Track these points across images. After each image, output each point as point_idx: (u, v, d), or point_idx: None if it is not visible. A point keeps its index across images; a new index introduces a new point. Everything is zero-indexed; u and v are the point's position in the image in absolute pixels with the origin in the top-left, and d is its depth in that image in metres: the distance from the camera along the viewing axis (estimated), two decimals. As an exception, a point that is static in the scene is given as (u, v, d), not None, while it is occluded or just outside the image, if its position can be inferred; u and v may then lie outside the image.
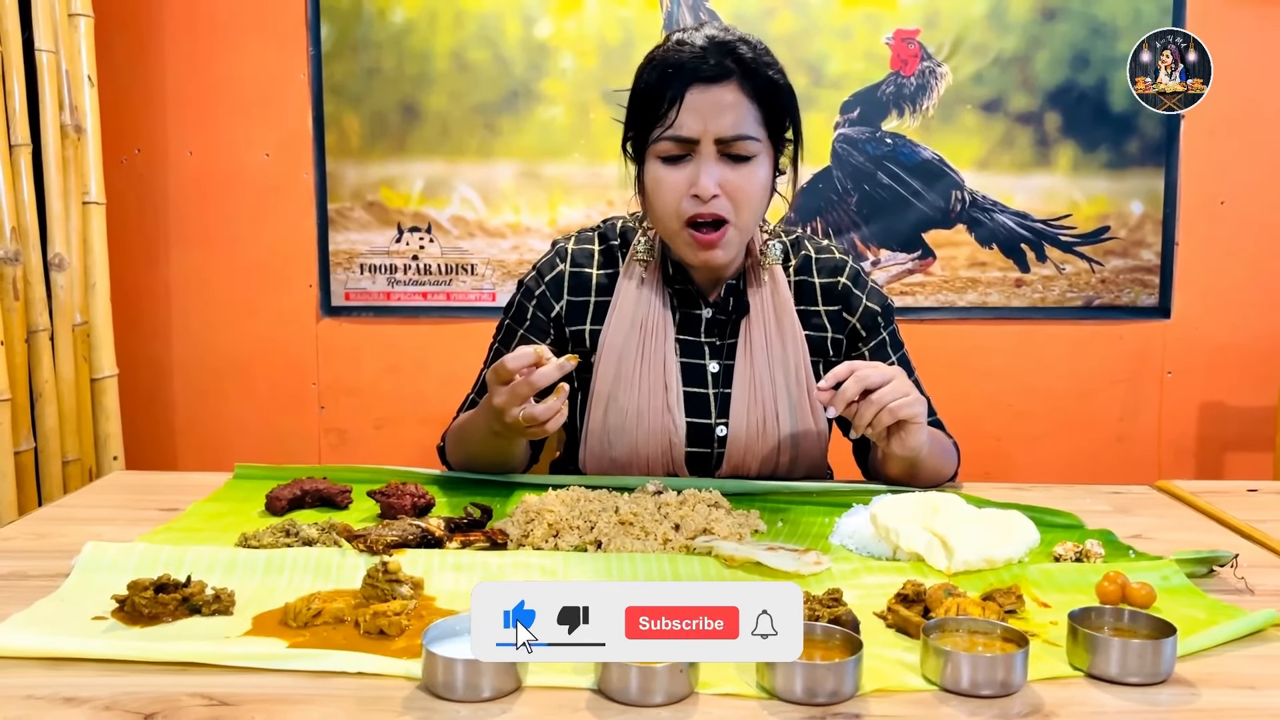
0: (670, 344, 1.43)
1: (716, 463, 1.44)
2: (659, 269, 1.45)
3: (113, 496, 1.39)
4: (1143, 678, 0.81)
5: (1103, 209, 2.57)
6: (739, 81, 1.32)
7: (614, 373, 1.42)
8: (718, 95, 1.31)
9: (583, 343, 1.46)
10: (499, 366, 1.21)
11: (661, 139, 1.33)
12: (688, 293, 1.45)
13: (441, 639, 0.83)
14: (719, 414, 1.43)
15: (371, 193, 2.58)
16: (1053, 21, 2.51)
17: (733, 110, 1.31)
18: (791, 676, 0.78)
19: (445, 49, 2.53)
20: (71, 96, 2.20)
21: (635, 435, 1.41)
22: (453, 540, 1.11)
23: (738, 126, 1.31)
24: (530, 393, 1.20)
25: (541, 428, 1.22)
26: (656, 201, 1.36)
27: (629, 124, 1.40)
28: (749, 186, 1.33)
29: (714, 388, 1.44)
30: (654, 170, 1.36)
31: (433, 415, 2.58)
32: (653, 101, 1.33)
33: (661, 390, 1.41)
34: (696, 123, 1.31)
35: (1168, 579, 1.02)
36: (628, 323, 1.43)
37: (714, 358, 1.45)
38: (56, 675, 0.82)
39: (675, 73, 1.32)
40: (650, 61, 1.37)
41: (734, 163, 1.33)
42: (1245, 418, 2.60)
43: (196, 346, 2.64)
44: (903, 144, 2.55)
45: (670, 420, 1.41)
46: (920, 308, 2.60)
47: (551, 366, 1.19)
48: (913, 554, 1.08)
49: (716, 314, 1.45)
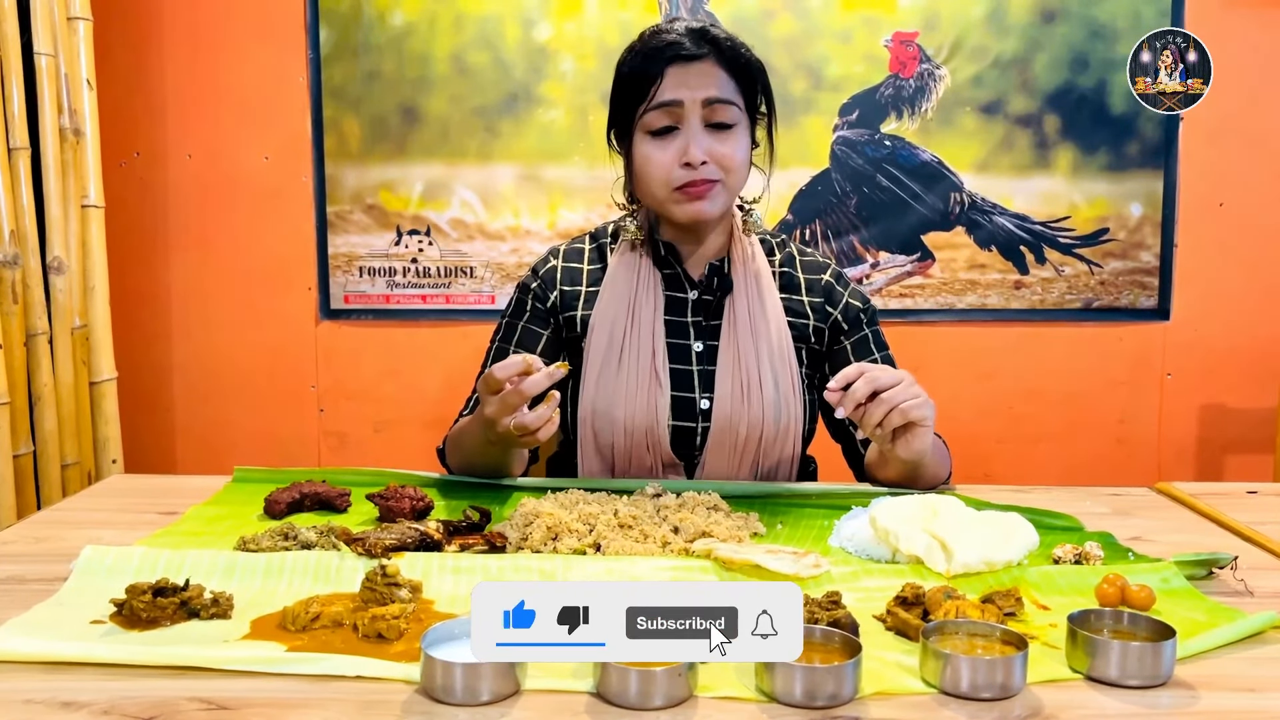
0: (659, 320, 1.47)
1: (702, 437, 1.45)
2: (649, 250, 1.50)
3: (111, 500, 1.39)
4: (1142, 680, 0.81)
5: (1102, 211, 2.57)
6: (715, 58, 1.42)
7: (605, 344, 1.46)
8: (698, 69, 1.41)
9: (575, 327, 1.50)
10: (488, 376, 1.22)
11: (649, 110, 1.40)
12: (675, 276, 1.50)
13: (440, 642, 0.83)
14: (703, 389, 1.46)
15: (371, 196, 2.58)
16: (1052, 24, 2.51)
17: (713, 79, 1.41)
18: (791, 679, 0.78)
19: (445, 52, 2.53)
20: (71, 100, 2.20)
21: (624, 408, 1.43)
22: (451, 543, 1.11)
23: (720, 91, 1.41)
24: (520, 402, 1.20)
25: (533, 436, 1.22)
26: (647, 175, 1.43)
27: (614, 112, 1.47)
28: (735, 154, 1.42)
29: (699, 364, 1.47)
30: (642, 147, 1.43)
31: (432, 418, 2.58)
32: (637, 81, 1.42)
33: (650, 360, 1.45)
34: (681, 91, 1.40)
35: (1167, 581, 1.02)
36: (617, 298, 1.48)
37: (699, 338, 1.49)
38: (55, 680, 0.82)
39: (656, 53, 1.41)
40: (630, 50, 1.46)
41: (718, 131, 1.41)
42: (1245, 420, 2.60)
43: (196, 350, 2.64)
44: (902, 146, 2.55)
45: (657, 389, 1.44)
46: (919, 310, 2.60)
47: (541, 375, 1.20)
48: (912, 557, 1.08)
49: (702, 295, 1.49)
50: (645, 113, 1.41)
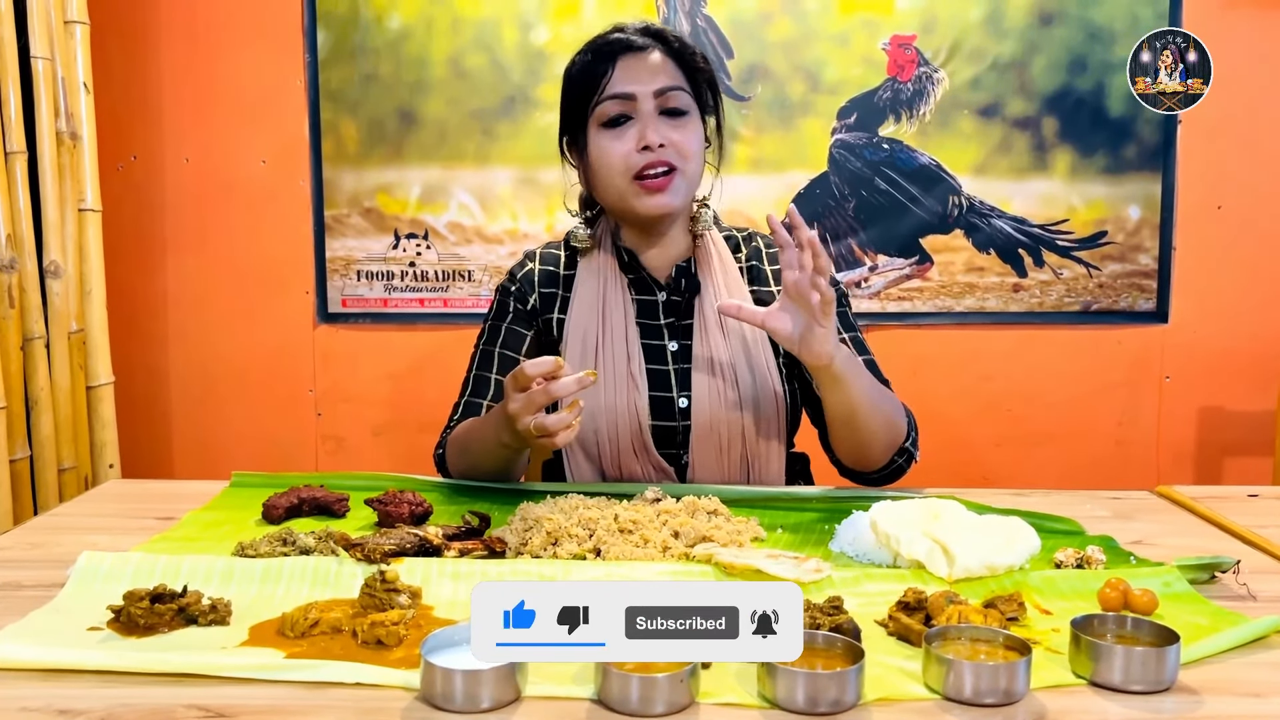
0: (630, 324, 1.48)
1: (683, 435, 1.45)
2: (613, 257, 1.51)
3: (109, 505, 1.38)
4: (1146, 685, 0.81)
5: (1100, 214, 2.57)
6: (663, 49, 1.44)
7: (579, 353, 1.46)
8: (647, 59, 1.43)
9: (552, 331, 1.51)
10: (518, 372, 1.21)
11: (601, 101, 1.41)
12: (642, 280, 1.50)
13: (440, 649, 0.82)
14: (681, 387, 1.46)
15: (368, 199, 2.58)
16: (1049, 27, 2.51)
17: (663, 69, 1.43)
18: (793, 685, 0.77)
19: (442, 55, 2.53)
20: (67, 103, 2.20)
21: (603, 412, 1.43)
22: (451, 549, 1.11)
23: (672, 79, 1.42)
24: (546, 401, 1.20)
25: (551, 439, 1.21)
26: (603, 167, 1.44)
27: (565, 116, 1.49)
28: (690, 141, 1.43)
29: (674, 364, 1.47)
30: (598, 141, 1.43)
31: (430, 422, 2.55)
32: (587, 77, 1.44)
33: (625, 363, 1.45)
34: (633, 82, 1.41)
35: (1170, 585, 1.02)
36: (587, 307, 1.48)
37: (673, 338, 1.48)
38: (51, 687, 0.81)
39: (604, 48, 1.44)
40: (579, 52, 1.49)
41: (672, 118, 1.42)
42: (1244, 422, 2.60)
43: (193, 354, 2.64)
44: (900, 149, 2.55)
45: (635, 392, 1.44)
46: (918, 313, 2.60)
47: (570, 379, 1.20)
48: (914, 561, 1.07)
49: (671, 296, 1.49)
50: (598, 104, 1.41)
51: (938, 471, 2.54)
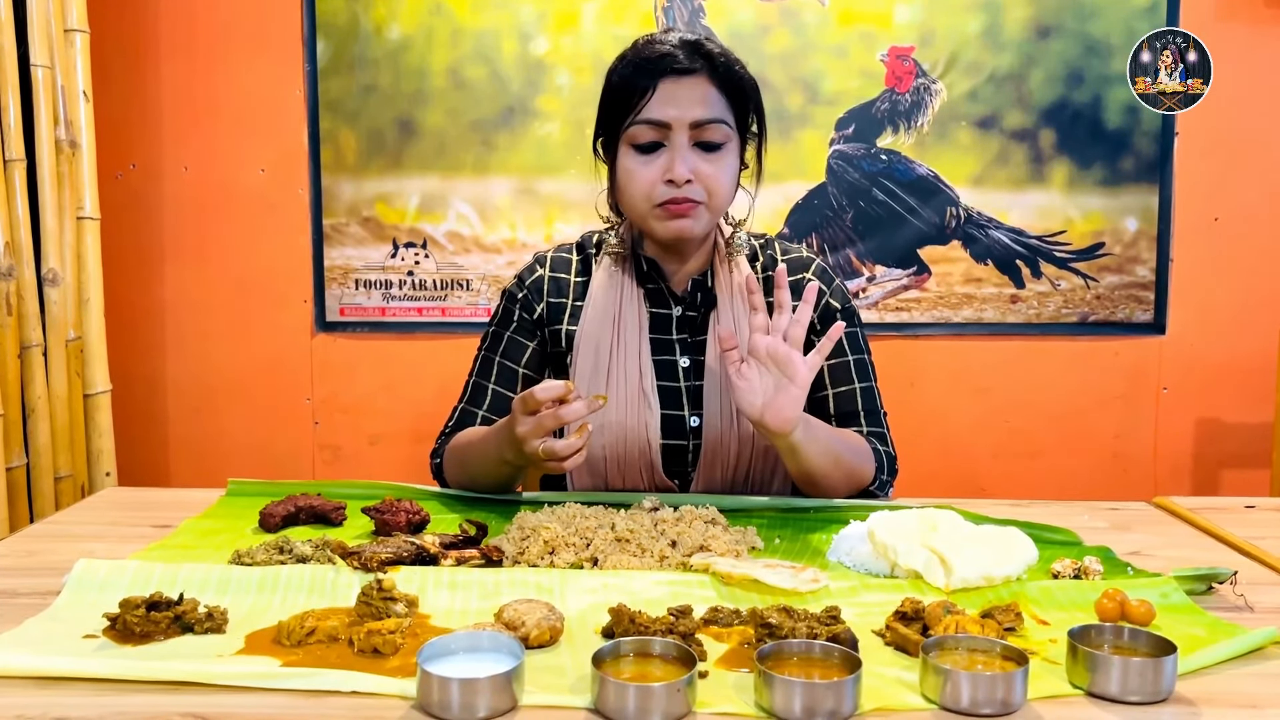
0: (644, 337, 1.46)
1: (694, 455, 1.44)
2: (631, 266, 1.48)
3: (105, 513, 1.38)
4: (1144, 696, 0.81)
5: (1097, 225, 2.57)
6: (708, 74, 1.38)
7: (591, 365, 1.44)
8: (689, 85, 1.37)
9: (560, 342, 1.48)
10: (527, 396, 1.20)
11: (635, 123, 1.37)
12: (659, 292, 1.48)
13: (437, 658, 0.82)
14: (692, 406, 1.44)
15: (367, 208, 2.58)
16: (1047, 39, 2.52)
17: (704, 98, 1.37)
18: (790, 695, 0.77)
19: (441, 65, 2.53)
20: (67, 112, 2.20)
21: (613, 427, 1.42)
22: (448, 558, 1.11)
23: (710, 111, 1.37)
24: (555, 426, 1.19)
25: (560, 464, 1.21)
26: (630, 189, 1.40)
27: (601, 120, 1.44)
28: (721, 175, 1.39)
29: (686, 381, 1.46)
30: (627, 161, 1.40)
31: (428, 431, 2.55)
32: (626, 93, 1.38)
33: (637, 380, 1.43)
34: (670, 109, 1.36)
35: (1167, 596, 1.02)
36: (601, 315, 1.46)
37: (685, 354, 1.47)
38: (47, 695, 0.81)
39: (648, 65, 1.38)
40: (623, 59, 1.43)
41: (706, 151, 1.38)
42: (1241, 434, 2.60)
43: (190, 362, 2.64)
44: (898, 160, 2.56)
45: (646, 409, 1.42)
46: (915, 324, 2.60)
47: (580, 404, 1.19)
48: (911, 571, 1.07)
49: (686, 311, 1.47)
50: (631, 125, 1.37)
51: (935, 482, 2.56)
